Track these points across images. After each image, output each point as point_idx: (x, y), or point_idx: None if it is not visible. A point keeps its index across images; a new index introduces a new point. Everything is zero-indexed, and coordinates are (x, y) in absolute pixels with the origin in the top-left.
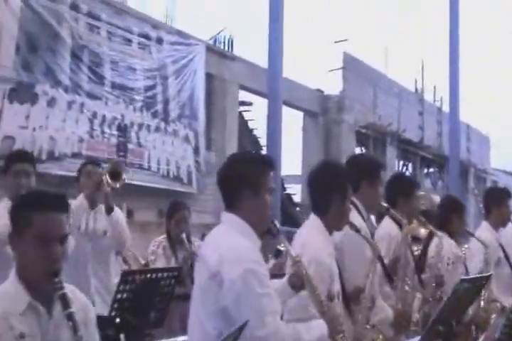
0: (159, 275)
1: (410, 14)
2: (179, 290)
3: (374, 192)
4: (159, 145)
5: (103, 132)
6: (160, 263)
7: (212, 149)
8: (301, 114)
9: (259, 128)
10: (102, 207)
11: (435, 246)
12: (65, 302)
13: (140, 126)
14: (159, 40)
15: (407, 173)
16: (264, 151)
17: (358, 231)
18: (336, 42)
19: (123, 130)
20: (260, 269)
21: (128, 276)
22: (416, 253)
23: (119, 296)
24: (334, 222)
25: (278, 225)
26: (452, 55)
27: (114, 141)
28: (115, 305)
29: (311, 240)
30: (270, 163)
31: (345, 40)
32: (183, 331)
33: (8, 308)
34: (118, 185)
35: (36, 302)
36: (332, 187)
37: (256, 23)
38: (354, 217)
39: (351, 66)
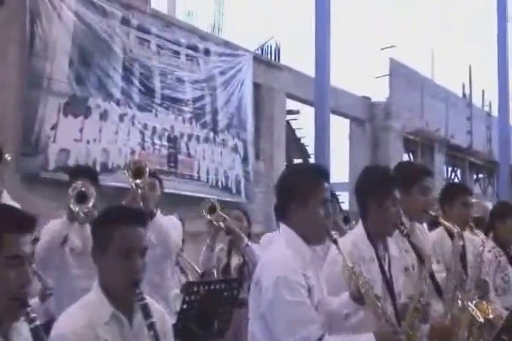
0: (222, 286)
1: (457, 17)
2: None
3: (412, 200)
4: (208, 156)
5: (154, 143)
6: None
7: (261, 158)
8: (347, 121)
9: (307, 136)
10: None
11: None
12: (147, 312)
13: (189, 136)
14: (207, 52)
15: (456, 179)
16: (311, 160)
17: (407, 236)
18: (382, 48)
19: (173, 141)
20: (294, 277)
21: (193, 287)
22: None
23: (184, 306)
24: (375, 227)
25: (335, 236)
26: (500, 58)
27: (164, 152)
28: (180, 316)
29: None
30: (322, 173)
31: (392, 46)
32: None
33: (93, 318)
34: (142, 182)
35: (119, 312)
36: (368, 192)
37: (302, 32)
38: None
39: (398, 72)
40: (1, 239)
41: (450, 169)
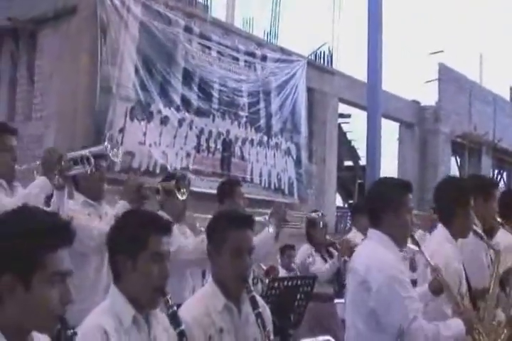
0: (299, 282)
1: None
2: None
3: (490, 208)
4: (261, 159)
5: (209, 147)
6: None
7: (313, 161)
8: (396, 124)
9: (357, 139)
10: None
11: None
12: (255, 303)
13: (244, 140)
14: (264, 58)
15: (502, 182)
16: (362, 162)
17: (482, 237)
18: (431, 53)
19: (227, 145)
20: (401, 276)
21: (274, 283)
22: None
23: (266, 300)
24: (459, 230)
25: (416, 239)
26: None
27: (218, 155)
28: None
29: (440, 248)
30: (409, 186)
31: (441, 51)
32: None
33: (209, 307)
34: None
35: (230, 303)
36: (456, 200)
37: (355, 37)
38: None
39: (446, 76)
40: (148, 239)
41: (496, 172)
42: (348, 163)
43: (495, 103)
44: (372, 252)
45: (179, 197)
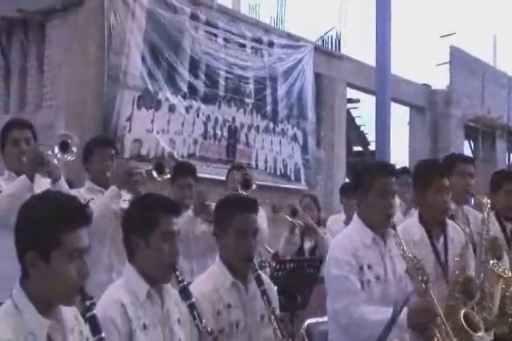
0: (305, 264)
1: None
2: None
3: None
4: (267, 145)
5: (215, 134)
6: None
7: (322, 146)
8: (407, 108)
9: (366, 124)
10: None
11: None
12: (260, 281)
13: (249, 127)
14: (271, 44)
15: None
16: (371, 147)
17: (451, 217)
18: (442, 36)
19: (233, 132)
20: (345, 256)
21: (281, 264)
22: None
23: (273, 281)
24: (426, 215)
25: (395, 223)
26: None
27: (224, 142)
28: None
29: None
30: (386, 169)
31: (453, 33)
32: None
33: (218, 285)
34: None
35: (237, 281)
36: (416, 183)
37: (363, 21)
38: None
39: (458, 59)
40: (159, 220)
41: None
42: (358, 148)
43: (509, 85)
44: (338, 236)
45: (158, 178)
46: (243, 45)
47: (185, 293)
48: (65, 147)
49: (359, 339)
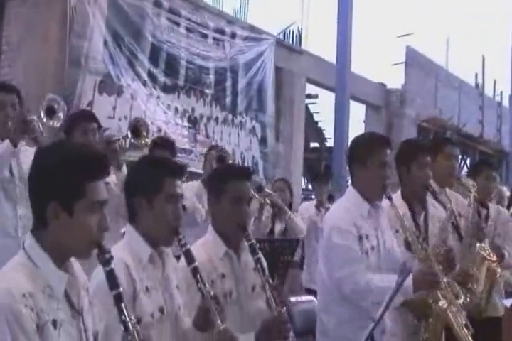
0: (283, 244)
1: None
2: None
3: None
4: (225, 137)
5: (176, 124)
6: None
7: (281, 140)
8: (363, 106)
9: (323, 120)
10: None
11: None
12: (254, 250)
13: (209, 118)
14: (233, 35)
15: (465, 167)
16: (328, 143)
17: (435, 196)
18: (399, 36)
19: (193, 122)
20: (346, 226)
21: (259, 244)
22: None
23: None
24: (408, 191)
25: (390, 193)
26: None
27: (185, 132)
28: None
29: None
30: (383, 141)
31: (409, 34)
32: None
33: (211, 255)
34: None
35: (230, 250)
36: (410, 160)
37: (325, 17)
38: None
39: (413, 60)
40: (163, 181)
41: (460, 157)
42: (314, 144)
43: (460, 88)
44: (333, 208)
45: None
46: (205, 35)
47: (188, 257)
48: (51, 112)
49: (360, 307)
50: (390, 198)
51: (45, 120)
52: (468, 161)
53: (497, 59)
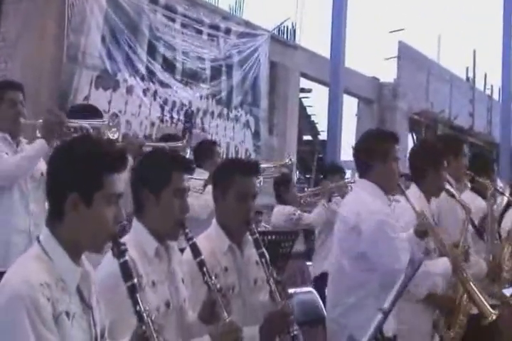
0: (281, 237)
1: (464, 2)
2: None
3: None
4: (221, 131)
5: (172, 117)
6: None
7: (274, 133)
8: (356, 100)
9: (317, 114)
10: None
11: None
12: (258, 243)
13: (205, 112)
14: (228, 31)
15: None
16: (321, 137)
17: (453, 196)
18: (391, 31)
19: (189, 116)
20: (390, 219)
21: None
22: None
23: None
24: (431, 189)
25: (403, 187)
26: (505, 43)
27: (180, 126)
28: None
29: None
30: (396, 137)
31: (401, 29)
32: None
33: (215, 248)
34: None
35: (234, 244)
36: (429, 163)
37: (319, 12)
38: None
39: (406, 55)
40: (171, 175)
41: None
42: (307, 137)
43: (451, 82)
44: (360, 199)
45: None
46: (200, 31)
47: (195, 250)
48: None
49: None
50: (403, 192)
51: None
52: None
53: (488, 53)
